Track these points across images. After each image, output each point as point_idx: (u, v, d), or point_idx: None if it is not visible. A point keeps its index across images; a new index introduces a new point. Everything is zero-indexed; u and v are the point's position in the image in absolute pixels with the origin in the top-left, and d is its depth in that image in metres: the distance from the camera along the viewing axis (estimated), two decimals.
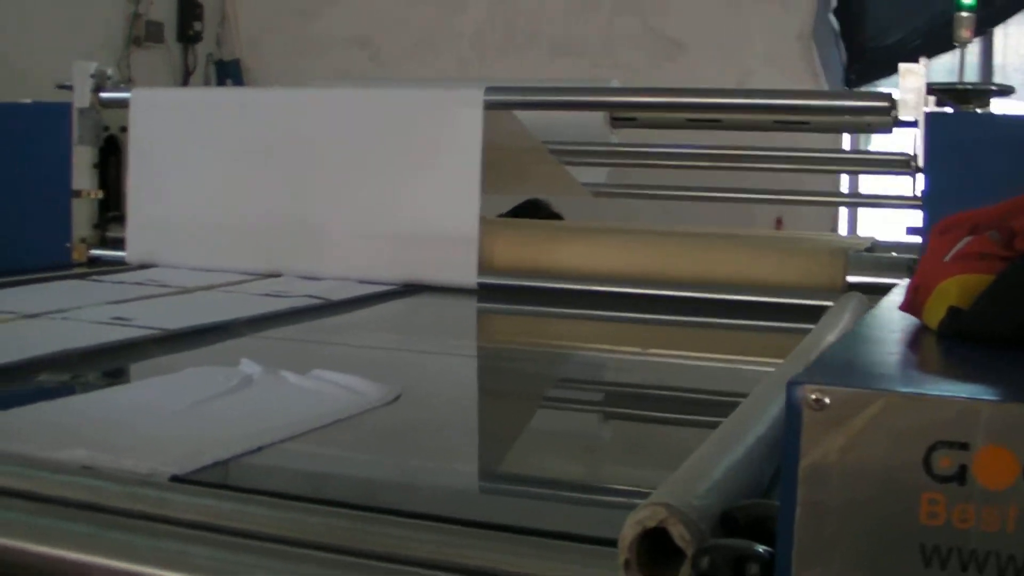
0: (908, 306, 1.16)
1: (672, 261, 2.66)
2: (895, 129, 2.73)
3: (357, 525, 1.08)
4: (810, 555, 0.82)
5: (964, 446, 0.78)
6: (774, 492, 0.98)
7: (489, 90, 2.72)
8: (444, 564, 1.01)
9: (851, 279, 2.45)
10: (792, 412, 0.81)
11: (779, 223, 4.46)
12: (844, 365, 0.94)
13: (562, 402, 1.96)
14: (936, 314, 1.08)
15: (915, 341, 1.09)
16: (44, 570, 1.08)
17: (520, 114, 2.86)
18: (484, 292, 2.67)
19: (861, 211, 4.66)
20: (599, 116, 3.26)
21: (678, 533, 0.88)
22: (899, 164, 2.76)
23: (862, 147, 4.72)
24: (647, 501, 0.90)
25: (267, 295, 2.47)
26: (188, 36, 6.21)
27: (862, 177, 4.20)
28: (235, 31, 6.47)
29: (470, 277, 2.68)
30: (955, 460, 0.78)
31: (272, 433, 1.38)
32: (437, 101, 2.82)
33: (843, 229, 4.69)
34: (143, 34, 5.80)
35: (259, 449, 1.34)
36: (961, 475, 0.78)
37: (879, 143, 3.85)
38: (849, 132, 4.26)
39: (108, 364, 1.83)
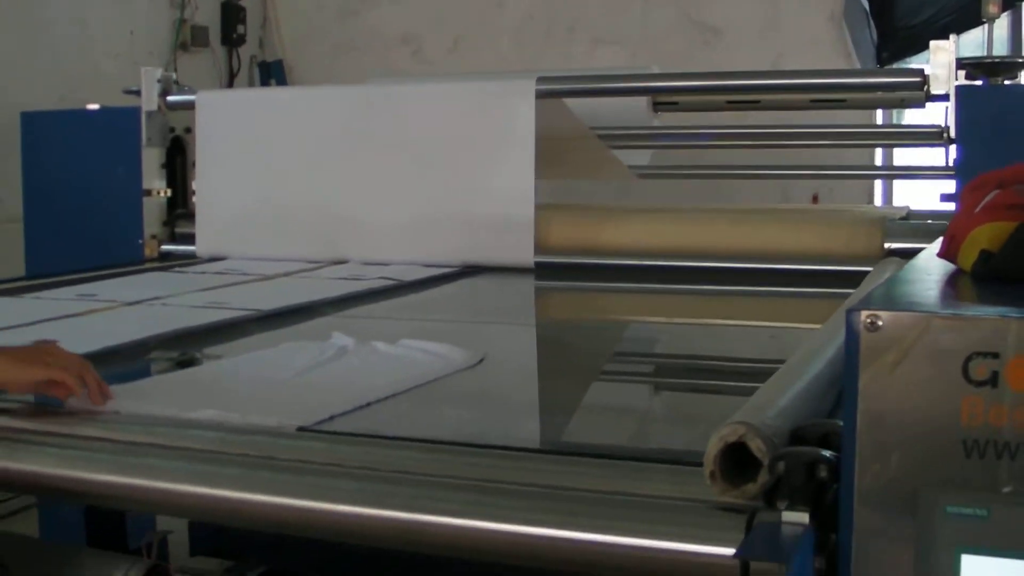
0: (945, 253, 1.31)
1: (717, 236, 2.81)
2: (928, 104, 2.85)
3: (462, 458, 1.25)
4: (871, 456, 0.98)
5: (995, 356, 0.93)
6: (836, 417, 1.13)
7: (540, 80, 2.87)
8: (545, 490, 1.17)
9: (889, 245, 2.58)
10: (851, 335, 0.97)
11: (815, 199, 4.57)
12: (893, 296, 1.09)
13: (623, 363, 2.13)
14: (969, 258, 1.24)
15: (952, 280, 1.25)
16: (202, 507, 1.26)
17: (568, 102, 3.01)
18: (540, 271, 2.83)
19: (896, 184, 4.76)
20: (642, 101, 3.39)
21: (756, 446, 1.04)
22: (932, 136, 2.89)
23: (894, 122, 4.84)
24: (727, 422, 1.06)
25: (343, 279, 2.63)
26: (232, 39, 6.34)
27: (896, 152, 4.33)
28: (277, 33, 6.61)
29: (527, 257, 2.83)
30: (988, 368, 0.94)
31: (376, 391, 1.55)
32: (493, 93, 2.98)
33: (878, 201, 4.79)
34: (189, 39, 5.96)
35: (367, 405, 1.50)
36: (994, 380, 0.94)
37: (910, 118, 3.96)
38: (884, 108, 4.37)
39: (214, 342, 1.99)
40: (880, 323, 0.96)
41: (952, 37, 2.67)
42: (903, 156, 4.28)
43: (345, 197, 3.04)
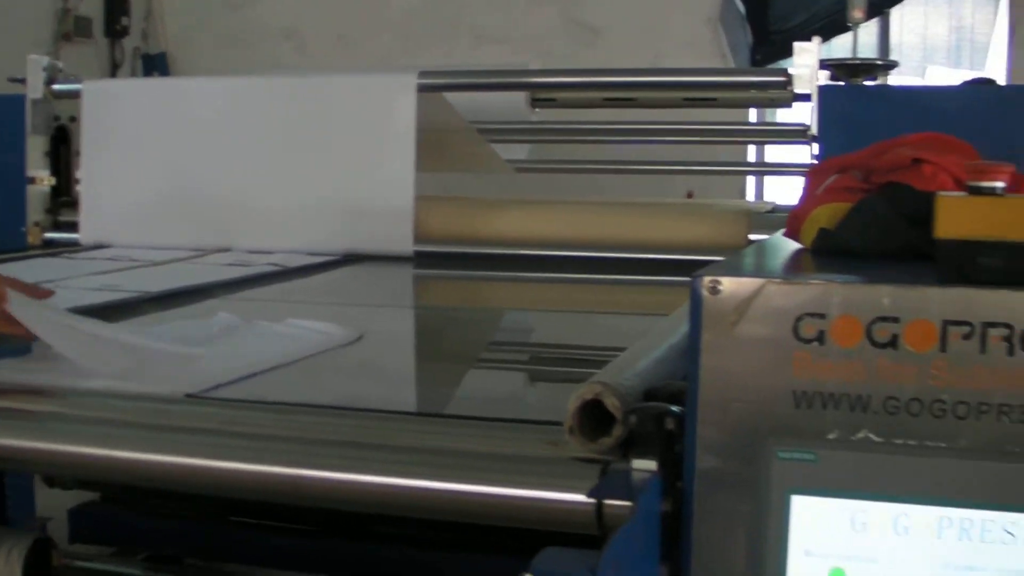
0: (790, 232, 1.43)
1: (591, 227, 2.91)
2: (795, 103, 2.98)
3: (341, 420, 1.35)
4: (712, 409, 1.08)
5: (822, 316, 1.05)
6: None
7: (422, 74, 2.96)
8: (422, 448, 1.26)
9: (753, 237, 2.70)
10: (695, 298, 1.08)
11: (690, 195, 4.70)
12: (734, 265, 1.20)
13: (496, 343, 2.24)
14: (810, 235, 1.36)
15: (793, 255, 1.36)
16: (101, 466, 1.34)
17: (449, 98, 3.10)
18: (421, 259, 2.91)
19: (770, 180, 4.91)
20: (521, 97, 3.48)
21: (611, 403, 1.14)
22: (797, 134, 3.01)
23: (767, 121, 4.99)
24: (586, 382, 1.16)
25: (230, 264, 2.70)
26: (115, 31, 6.32)
27: (771, 149, 4.48)
28: (161, 25, 6.61)
29: (407, 246, 2.91)
30: (816, 327, 1.05)
31: (260, 364, 1.63)
32: (375, 87, 3.05)
33: (751, 197, 4.93)
34: (72, 29, 5.94)
35: (253, 376, 1.58)
36: (821, 338, 1.05)
37: (788, 117, 4.09)
38: (755, 107, 4.51)
39: (108, 321, 2.05)
40: (720, 287, 1.07)
41: (815, 39, 2.80)
42: (777, 154, 4.41)
43: (230, 187, 3.09)
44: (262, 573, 2.36)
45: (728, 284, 1.07)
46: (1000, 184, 1.06)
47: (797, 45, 2.79)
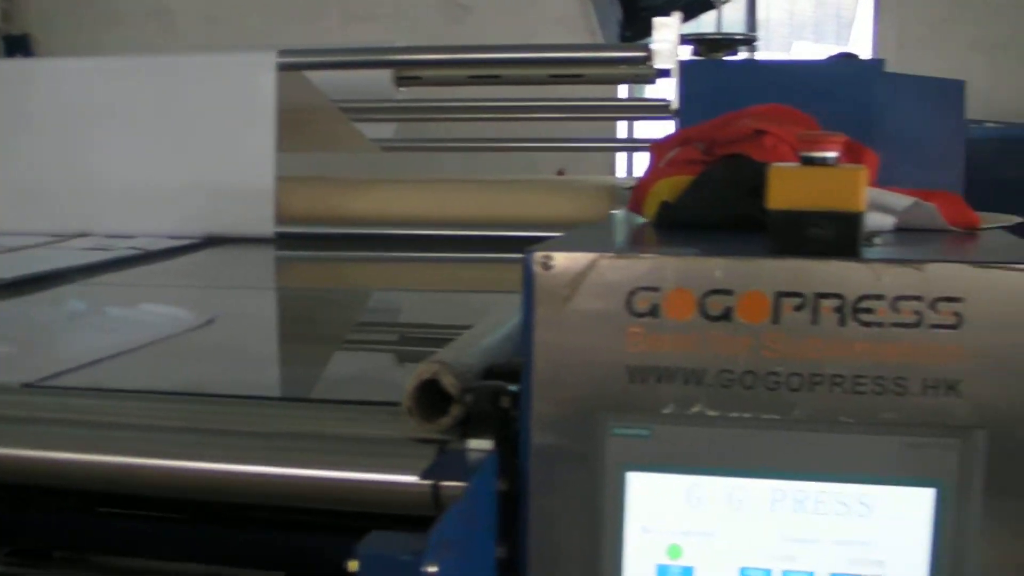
0: (634, 206, 1.42)
1: (454, 205, 2.89)
2: (660, 79, 2.99)
3: (180, 406, 1.31)
4: (546, 385, 1.07)
5: (656, 290, 1.03)
6: None
7: (282, 53, 2.91)
8: (258, 433, 1.23)
9: (615, 212, 2.69)
10: (527, 274, 1.06)
11: (561, 172, 4.71)
12: (570, 241, 1.18)
13: (352, 324, 2.21)
14: (652, 209, 1.34)
15: (635, 229, 1.35)
16: None
17: (312, 78, 3.06)
18: (282, 241, 2.87)
19: (640, 157, 4.92)
20: (385, 76, 3.46)
21: (448, 382, 1.12)
22: (660, 109, 3.02)
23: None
24: (424, 362, 1.14)
25: (91, 249, 2.64)
26: None
27: (643, 125, 4.48)
28: (24, 5, 6.48)
29: (268, 227, 2.87)
30: (650, 301, 1.03)
31: (104, 350, 1.59)
32: (234, 65, 3.00)
33: (622, 173, 4.95)
34: None
35: (95, 362, 1.54)
36: (654, 311, 1.03)
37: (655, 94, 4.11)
38: (621, 83, 4.51)
39: None
40: (553, 263, 1.05)
41: (676, 14, 2.80)
42: (649, 130, 4.42)
43: (88, 169, 3.02)
44: (132, 563, 2.31)
45: (560, 259, 1.05)
46: (832, 154, 1.05)
47: (657, 20, 2.79)
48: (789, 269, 1.02)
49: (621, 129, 4.75)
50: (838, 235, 1.03)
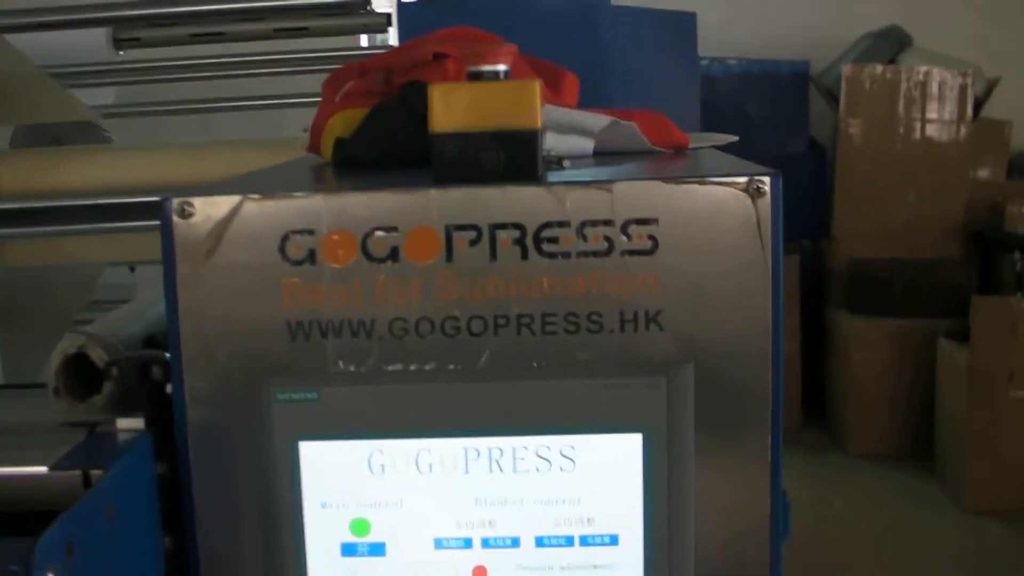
0: (312, 147, 1.28)
1: (180, 169, 2.71)
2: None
3: None
4: (197, 352, 0.93)
5: (311, 233, 0.90)
6: None
7: None
8: None
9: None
10: (164, 225, 0.92)
11: (307, 130, 4.54)
12: (219, 186, 1.03)
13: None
14: (328, 148, 1.21)
15: (308, 171, 1.22)
16: None
17: (16, 42, 2.84)
18: None
19: None
20: (102, 36, 3.25)
21: (96, 355, 0.98)
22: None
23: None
24: (69, 333, 0.99)
25: None
26: None
27: None
28: None
29: None
30: (305, 246, 0.91)
31: None
32: None
33: None
34: None
35: None
36: (312, 257, 0.91)
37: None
38: (351, 33, 4.35)
39: None
40: (192, 209, 0.91)
41: None
42: None
43: None
44: None
45: (200, 205, 0.91)
46: (503, 68, 0.93)
47: None
48: (458, 199, 0.90)
49: None
50: (512, 157, 0.91)
